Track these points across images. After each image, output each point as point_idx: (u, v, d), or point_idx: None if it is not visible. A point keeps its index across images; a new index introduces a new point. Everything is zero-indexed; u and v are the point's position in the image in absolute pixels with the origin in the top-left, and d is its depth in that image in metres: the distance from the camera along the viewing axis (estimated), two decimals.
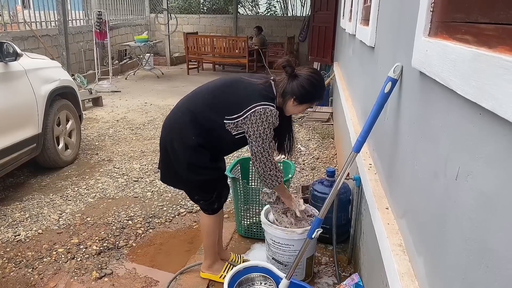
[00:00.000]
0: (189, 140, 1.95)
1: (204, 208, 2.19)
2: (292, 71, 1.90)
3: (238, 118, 1.88)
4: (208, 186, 2.11)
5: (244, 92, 1.93)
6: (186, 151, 1.97)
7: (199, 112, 1.96)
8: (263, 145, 1.87)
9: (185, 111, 2.00)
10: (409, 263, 1.23)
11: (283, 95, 1.91)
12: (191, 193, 2.21)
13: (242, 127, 1.90)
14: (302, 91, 1.88)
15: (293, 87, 1.88)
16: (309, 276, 2.32)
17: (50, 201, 3.29)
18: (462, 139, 0.91)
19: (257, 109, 1.84)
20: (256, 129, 1.85)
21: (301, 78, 1.89)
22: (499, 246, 0.71)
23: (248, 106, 1.85)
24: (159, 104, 6.77)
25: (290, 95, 1.90)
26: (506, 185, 0.71)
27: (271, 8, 14.17)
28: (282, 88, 1.91)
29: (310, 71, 1.94)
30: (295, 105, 1.93)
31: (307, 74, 1.90)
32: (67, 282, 2.35)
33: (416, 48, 1.22)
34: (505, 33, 0.73)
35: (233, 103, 1.90)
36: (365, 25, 2.73)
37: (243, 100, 1.88)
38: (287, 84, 1.90)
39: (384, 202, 1.63)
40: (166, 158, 2.09)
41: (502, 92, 0.68)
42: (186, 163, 1.99)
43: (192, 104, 2.01)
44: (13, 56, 3.28)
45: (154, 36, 12.11)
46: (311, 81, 1.89)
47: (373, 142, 2.11)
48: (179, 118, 2.00)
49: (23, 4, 8.64)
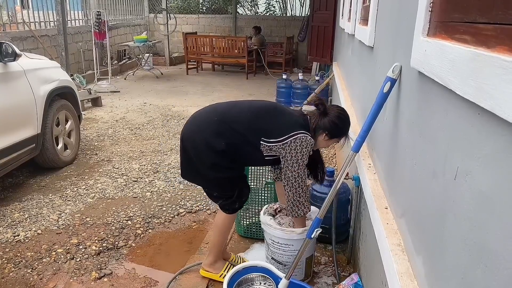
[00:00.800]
0: (217, 145, 2.02)
1: (225, 208, 2.21)
2: (324, 108, 2.05)
3: (277, 142, 1.98)
4: (229, 184, 2.16)
5: (286, 119, 2.06)
6: (211, 153, 2.04)
7: (235, 125, 2.04)
8: (299, 171, 1.98)
9: (220, 118, 2.07)
10: (408, 263, 1.23)
11: (315, 130, 2.06)
12: (210, 189, 2.25)
13: (276, 151, 2.01)
14: (334, 126, 2.04)
15: (325, 123, 2.04)
16: (309, 276, 2.32)
17: (49, 202, 3.29)
18: (461, 138, 0.91)
19: (298, 136, 1.97)
20: (294, 155, 1.96)
21: (332, 115, 2.04)
22: (497, 246, 0.71)
23: (290, 133, 1.98)
24: (158, 104, 6.76)
25: (322, 130, 2.04)
26: (504, 185, 0.71)
27: (270, 8, 14.15)
28: (314, 123, 2.06)
29: (340, 109, 2.13)
30: (326, 139, 2.08)
31: (336, 112, 2.07)
32: (66, 282, 2.35)
33: (415, 48, 1.22)
34: (503, 33, 0.73)
35: (274, 128, 2.02)
36: (364, 25, 2.73)
37: (286, 127, 2.00)
38: (319, 120, 2.05)
39: (383, 202, 1.63)
40: (187, 155, 2.14)
41: (500, 92, 0.68)
42: (210, 163, 2.06)
43: (228, 115, 2.09)
44: (12, 57, 3.28)
45: (153, 36, 12.10)
46: (342, 118, 2.07)
47: (372, 142, 2.11)
48: (211, 122, 2.07)
49: (22, 4, 8.63)
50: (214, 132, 2.03)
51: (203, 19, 12.56)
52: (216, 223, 2.28)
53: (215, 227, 2.29)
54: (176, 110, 6.33)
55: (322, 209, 1.85)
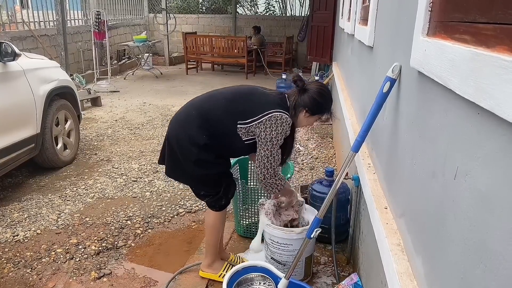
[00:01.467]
0: (199, 140, 2.00)
1: (212, 205, 2.20)
2: (302, 84, 2.02)
3: (252, 122, 1.95)
4: (214, 181, 2.14)
5: (261, 99, 2.03)
6: (194, 149, 2.02)
7: (212, 115, 2.02)
8: (272, 149, 1.95)
9: (198, 112, 2.06)
10: (408, 263, 1.23)
11: (295, 108, 2.02)
12: (197, 188, 2.23)
13: (253, 132, 1.97)
14: (314, 102, 2.00)
15: (304, 99, 2.00)
16: (308, 275, 2.32)
17: (49, 201, 3.29)
18: (461, 138, 0.91)
19: (273, 115, 1.93)
20: (268, 133, 1.93)
21: (311, 91, 2.01)
22: (497, 246, 0.71)
23: (265, 111, 1.94)
24: (158, 104, 6.76)
25: (302, 107, 2.01)
26: (504, 185, 0.71)
27: (270, 8, 14.16)
28: (293, 101, 2.02)
29: (319, 84, 2.10)
30: (306, 116, 2.04)
31: (316, 87, 2.04)
32: (65, 282, 2.34)
33: (415, 47, 1.22)
34: (503, 32, 0.73)
35: (248, 108, 1.99)
36: (364, 25, 2.73)
37: (260, 106, 1.97)
38: (298, 97, 2.01)
39: (383, 201, 1.63)
40: (172, 153, 2.13)
41: (500, 91, 0.68)
42: (194, 159, 2.04)
43: (205, 107, 2.07)
44: (12, 56, 3.27)
45: (152, 36, 12.09)
46: (321, 93, 2.02)
47: (372, 142, 2.11)
48: (190, 117, 2.06)
49: (22, 4, 8.62)
50: (194, 126, 2.02)
51: (203, 19, 12.55)
52: (206, 223, 2.28)
53: (206, 227, 2.28)
54: (176, 109, 6.26)
55: (321, 209, 1.85)
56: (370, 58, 2.40)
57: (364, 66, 2.70)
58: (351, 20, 3.67)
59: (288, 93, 2.08)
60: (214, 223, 2.24)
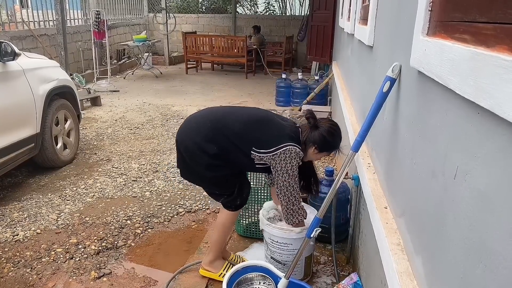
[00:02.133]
0: (209, 149, 2.05)
1: (228, 205, 2.22)
2: (314, 122, 2.07)
3: (267, 153, 2.01)
4: (228, 181, 2.17)
5: (276, 131, 2.08)
6: (203, 156, 2.07)
7: (227, 134, 2.07)
8: (289, 180, 2.01)
9: (213, 126, 2.10)
10: (408, 262, 1.23)
11: (305, 143, 2.08)
12: (210, 189, 2.27)
13: (267, 161, 2.03)
14: (323, 140, 2.05)
15: (315, 136, 2.05)
16: (308, 275, 2.32)
17: (49, 201, 3.29)
18: (460, 138, 0.91)
19: (288, 148, 1.99)
20: (284, 166, 1.99)
21: (322, 129, 2.06)
22: (497, 245, 0.71)
23: (280, 144, 1.99)
24: (157, 103, 6.76)
25: (312, 143, 2.06)
26: (504, 184, 0.71)
27: (270, 8, 14.14)
28: (305, 136, 2.08)
29: (331, 123, 2.14)
30: (315, 152, 2.09)
31: (327, 126, 2.08)
32: (65, 282, 2.34)
33: (415, 47, 1.22)
34: (503, 32, 0.73)
35: (264, 139, 2.04)
36: (364, 25, 2.73)
37: (276, 139, 2.02)
38: (310, 133, 2.07)
39: (383, 201, 1.63)
40: (183, 158, 2.18)
41: (500, 91, 0.68)
42: (204, 164, 2.09)
43: (222, 124, 2.11)
44: (11, 56, 3.27)
45: (152, 35, 12.09)
46: (332, 132, 2.07)
47: (372, 142, 2.11)
48: (203, 128, 2.10)
49: (21, 4, 8.62)
50: (206, 137, 2.06)
51: (203, 19, 12.55)
52: (218, 221, 2.29)
53: (217, 225, 2.29)
54: (176, 109, 6.32)
55: (321, 209, 1.85)
56: (370, 58, 2.40)
57: (364, 66, 2.70)
58: (351, 20, 3.66)
59: (301, 127, 2.13)
60: (226, 222, 2.26)
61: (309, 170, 2.30)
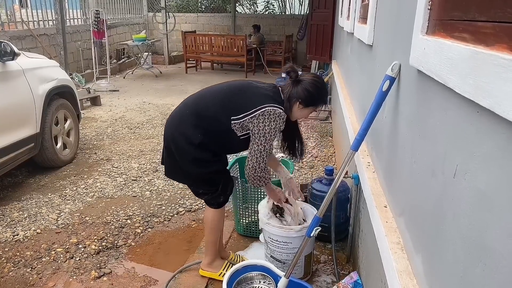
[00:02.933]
0: (195, 138, 2.00)
1: (210, 202, 2.20)
2: (296, 76, 2.00)
3: (245, 117, 1.94)
4: (212, 179, 2.15)
5: (254, 94, 2.00)
6: (190, 148, 2.02)
7: (205, 113, 2.02)
8: (265, 144, 1.94)
9: (191, 110, 2.06)
10: (408, 261, 1.23)
11: (289, 100, 2.00)
12: (196, 187, 2.24)
13: (247, 127, 1.96)
14: (307, 94, 1.97)
15: (298, 91, 1.98)
16: (308, 274, 2.32)
17: (49, 201, 3.29)
18: (460, 137, 0.91)
19: (267, 109, 1.91)
20: (262, 128, 1.92)
21: (305, 82, 1.99)
22: (497, 244, 0.71)
23: (258, 106, 1.92)
24: (157, 103, 6.76)
25: (296, 98, 1.99)
26: (503, 183, 0.71)
27: (269, 7, 14.14)
28: (287, 93, 2.00)
29: (313, 75, 2.05)
30: (300, 108, 2.02)
31: (310, 79, 2.01)
32: (66, 281, 2.35)
33: (414, 46, 1.22)
34: (502, 31, 0.73)
35: (241, 103, 1.97)
36: (363, 23, 2.72)
37: (253, 101, 1.95)
38: (292, 89, 1.99)
39: (383, 200, 1.63)
40: (170, 154, 2.13)
41: (499, 90, 0.68)
42: (190, 158, 2.04)
43: (199, 104, 2.07)
44: (11, 56, 3.27)
45: (152, 35, 12.08)
46: (315, 84, 1.99)
47: (371, 141, 2.11)
48: (185, 116, 2.06)
49: (21, 3, 8.61)
50: (189, 125, 2.02)
51: (202, 18, 12.54)
52: (205, 221, 2.28)
53: (206, 225, 2.29)
54: None
55: (321, 208, 1.85)
56: (369, 57, 2.40)
57: (363, 65, 2.70)
58: (350, 19, 3.66)
59: (282, 86, 2.06)
60: (212, 220, 2.24)
61: (293, 131, 2.21)
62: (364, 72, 2.63)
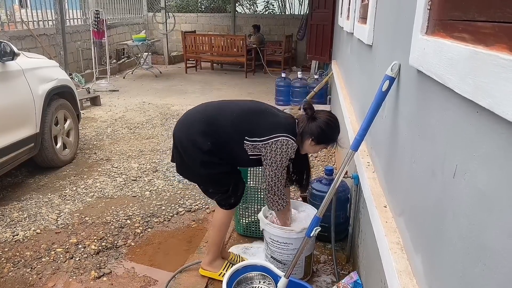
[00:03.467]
0: (203, 145, 2.04)
1: (222, 203, 2.22)
2: (312, 113, 2.03)
3: (260, 142, 2.00)
4: (222, 179, 2.17)
5: (271, 120, 2.06)
6: (198, 153, 2.07)
7: (220, 126, 2.06)
8: (276, 171, 2.01)
9: (206, 119, 2.10)
10: (407, 261, 1.23)
11: (302, 134, 2.04)
12: (205, 186, 2.26)
13: (259, 150, 2.02)
14: (320, 132, 2.01)
15: (312, 128, 2.02)
16: (308, 274, 2.32)
17: (48, 201, 3.28)
18: (459, 137, 0.91)
19: (280, 139, 1.98)
20: (274, 156, 1.98)
21: (320, 120, 2.02)
22: (496, 244, 0.71)
23: (273, 134, 1.98)
24: (157, 103, 6.75)
25: (309, 135, 2.03)
26: (503, 183, 0.71)
27: (269, 7, 14.13)
28: (302, 128, 2.04)
29: (328, 115, 2.09)
30: (312, 144, 2.05)
31: (325, 118, 2.04)
32: (65, 281, 2.34)
33: (414, 46, 1.22)
34: (502, 31, 0.73)
35: (258, 127, 2.03)
36: (363, 23, 2.73)
37: (269, 127, 2.02)
38: (307, 125, 2.03)
39: (382, 200, 1.63)
40: (179, 154, 2.17)
41: (499, 90, 0.68)
42: (199, 161, 2.08)
43: (215, 116, 2.11)
44: (11, 56, 3.27)
45: (152, 35, 12.07)
46: (329, 124, 2.03)
47: (371, 141, 2.11)
48: (197, 122, 2.10)
49: (20, 3, 8.61)
50: (200, 132, 2.06)
51: (202, 18, 12.54)
52: (214, 221, 2.29)
53: (213, 225, 2.30)
54: (175, 109, 6.32)
55: (321, 208, 1.85)
56: (369, 57, 2.40)
57: (363, 65, 2.70)
58: (350, 19, 3.66)
59: (298, 119, 2.10)
60: (222, 221, 2.25)
61: (303, 164, 2.28)
62: (363, 72, 2.63)
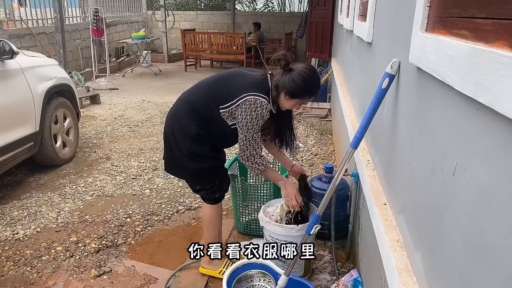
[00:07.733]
0: (190, 130, 2.03)
1: (206, 198, 2.22)
2: (286, 65, 1.91)
3: (231, 106, 1.95)
4: (209, 175, 2.17)
5: (239, 83, 1.99)
6: (186, 140, 2.05)
7: (197, 103, 2.04)
8: (247, 134, 1.94)
9: (185, 102, 2.10)
10: (407, 259, 1.23)
11: (276, 88, 1.94)
12: (193, 182, 2.26)
13: (235, 115, 1.97)
14: (293, 85, 1.88)
15: (284, 81, 1.89)
16: (308, 272, 2.32)
17: (48, 199, 3.28)
18: (459, 134, 0.91)
19: (247, 98, 1.90)
20: (244, 117, 1.91)
21: (294, 72, 1.89)
22: (496, 242, 0.71)
23: (240, 95, 1.92)
24: (157, 101, 6.75)
25: (282, 88, 1.91)
26: (503, 181, 0.71)
27: (269, 4, 14.12)
28: (275, 81, 1.93)
29: (304, 66, 1.93)
30: (286, 99, 1.93)
31: (300, 70, 1.89)
32: (66, 280, 2.35)
33: (413, 43, 1.22)
34: (502, 28, 0.72)
35: (228, 92, 1.98)
36: (363, 21, 2.72)
37: (237, 90, 1.94)
38: (281, 78, 1.91)
39: (382, 198, 1.63)
40: (169, 148, 2.17)
41: (499, 87, 0.68)
42: (187, 152, 2.06)
43: (192, 96, 2.10)
44: (10, 54, 3.26)
45: (151, 33, 12.06)
46: (303, 76, 1.88)
47: (371, 138, 2.11)
48: (180, 109, 2.10)
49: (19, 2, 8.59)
50: (184, 117, 2.05)
51: (201, 16, 12.52)
52: (203, 218, 2.31)
53: (203, 222, 2.32)
54: None
55: (321, 206, 1.85)
56: (369, 54, 2.40)
57: (363, 62, 2.69)
58: (350, 16, 3.65)
59: (274, 73, 1.99)
60: (210, 217, 2.26)
61: (285, 122, 2.14)
62: (363, 69, 2.62)
